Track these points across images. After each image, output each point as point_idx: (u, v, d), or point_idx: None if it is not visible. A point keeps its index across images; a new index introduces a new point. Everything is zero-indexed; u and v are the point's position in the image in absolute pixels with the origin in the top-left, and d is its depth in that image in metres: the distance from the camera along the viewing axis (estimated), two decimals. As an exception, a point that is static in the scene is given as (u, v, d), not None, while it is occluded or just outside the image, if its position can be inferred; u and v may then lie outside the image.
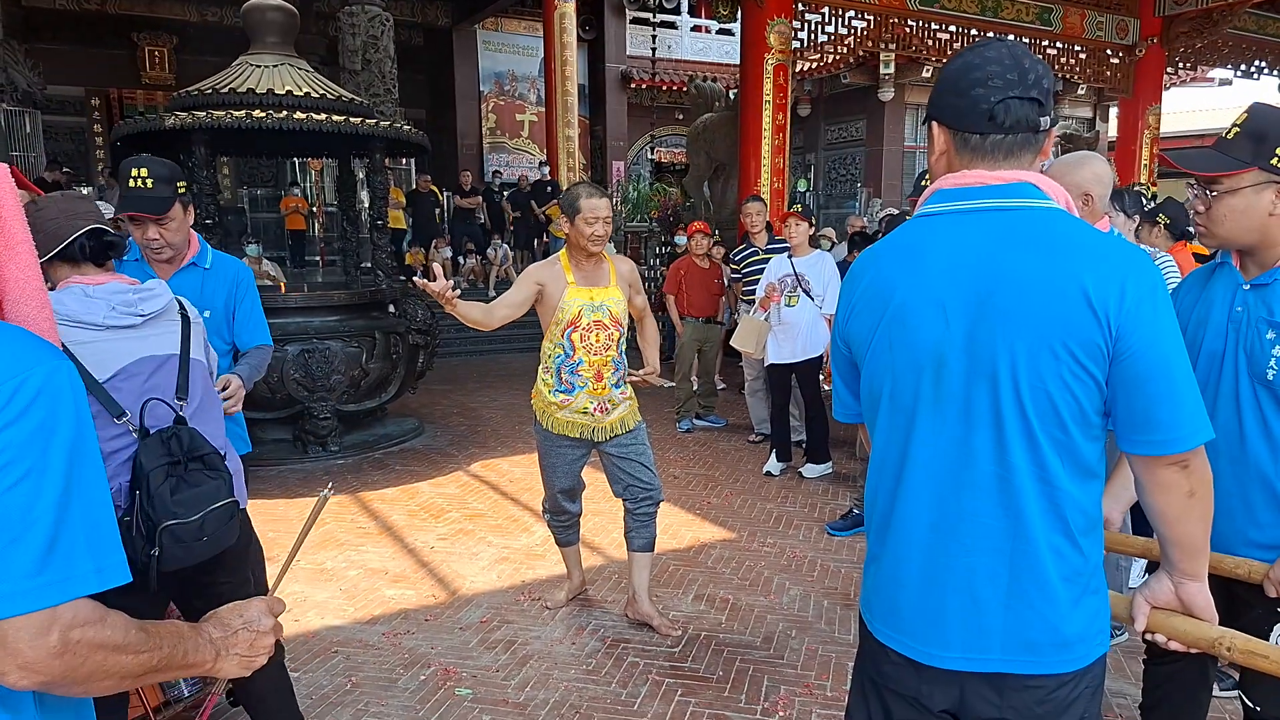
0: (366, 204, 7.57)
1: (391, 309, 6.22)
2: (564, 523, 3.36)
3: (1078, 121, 17.41)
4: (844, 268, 5.14)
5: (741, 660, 3.03)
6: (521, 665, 3.00)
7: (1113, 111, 15.69)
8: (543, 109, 13.23)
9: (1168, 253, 3.46)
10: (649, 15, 13.56)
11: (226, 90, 5.47)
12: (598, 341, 3.01)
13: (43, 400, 0.82)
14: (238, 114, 5.18)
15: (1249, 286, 1.67)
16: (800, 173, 17.09)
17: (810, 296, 5.07)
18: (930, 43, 9.75)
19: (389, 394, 6.16)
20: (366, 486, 5.12)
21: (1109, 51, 10.93)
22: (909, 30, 9.52)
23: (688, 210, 10.34)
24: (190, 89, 5.69)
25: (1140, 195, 3.90)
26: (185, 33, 13.34)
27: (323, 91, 5.72)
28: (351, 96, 6.11)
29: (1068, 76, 10.85)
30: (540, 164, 13.29)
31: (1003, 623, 1.19)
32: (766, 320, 5.25)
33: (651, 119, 16.49)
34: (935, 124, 1.26)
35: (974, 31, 9.76)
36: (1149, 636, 1.32)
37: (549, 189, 11.59)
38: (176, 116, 5.25)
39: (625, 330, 3.10)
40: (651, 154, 17.81)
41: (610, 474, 3.23)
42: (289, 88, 5.54)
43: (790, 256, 5.22)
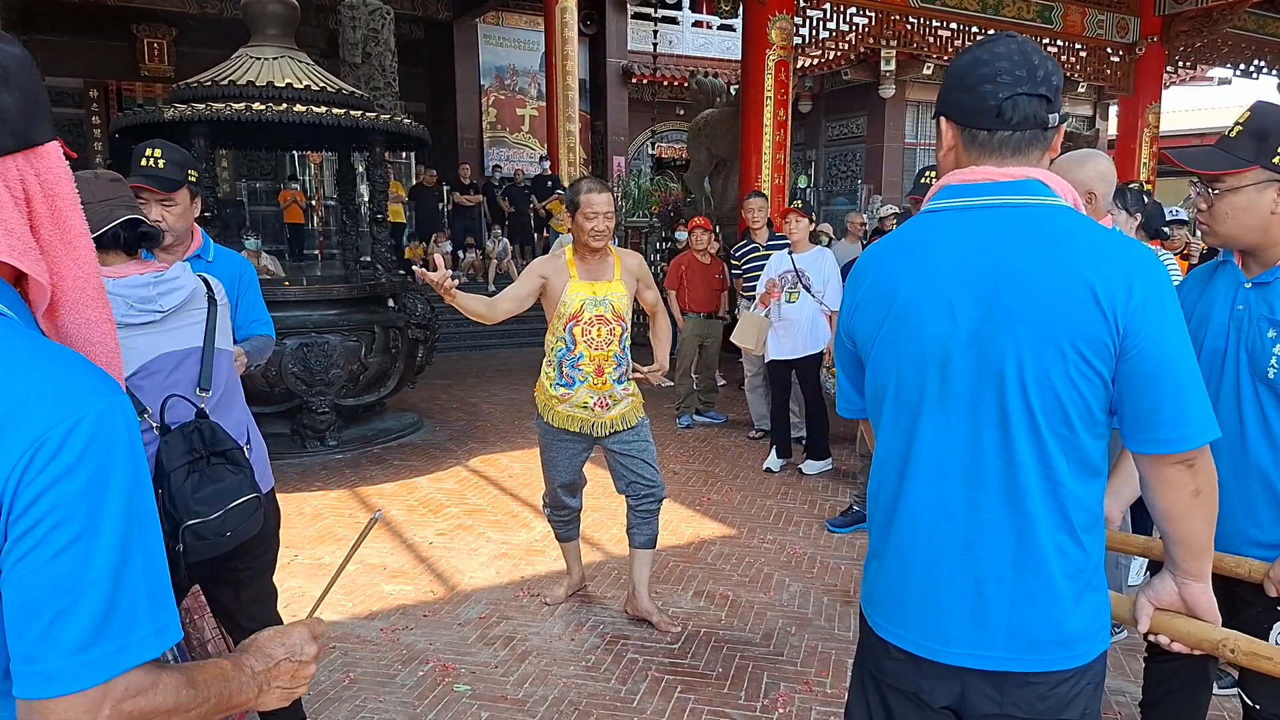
0: (366, 198, 7.55)
1: (391, 303, 6.21)
2: (564, 518, 3.36)
3: (1078, 119, 17.42)
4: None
5: (741, 657, 3.03)
6: (520, 661, 3.00)
7: (1113, 109, 15.69)
8: (543, 103, 13.22)
9: None
10: (650, 10, 13.56)
11: (226, 82, 5.45)
12: (599, 336, 3.01)
13: (96, 447, 0.72)
14: (237, 106, 5.17)
15: (1250, 285, 1.68)
16: (801, 169, 17.09)
17: (810, 292, 5.06)
18: (931, 40, 9.75)
19: (388, 388, 6.15)
20: (365, 481, 5.12)
21: (1109, 50, 10.93)
22: (910, 27, 9.53)
23: (689, 206, 10.33)
24: (190, 81, 5.68)
25: (1141, 194, 3.91)
26: (185, 24, 13.29)
27: (323, 85, 5.70)
28: (351, 90, 6.09)
29: (1068, 74, 10.84)
30: (541, 158, 13.28)
31: (1007, 620, 1.18)
32: (767, 316, 5.25)
33: (652, 114, 16.49)
34: (944, 119, 1.25)
35: (975, 29, 9.77)
36: (1152, 637, 1.32)
37: (549, 183, 11.58)
38: (176, 109, 5.24)
39: (629, 326, 3.09)
40: (652, 149, 17.80)
41: (613, 470, 3.23)
42: (289, 80, 5.53)
43: (790, 253, 5.22)
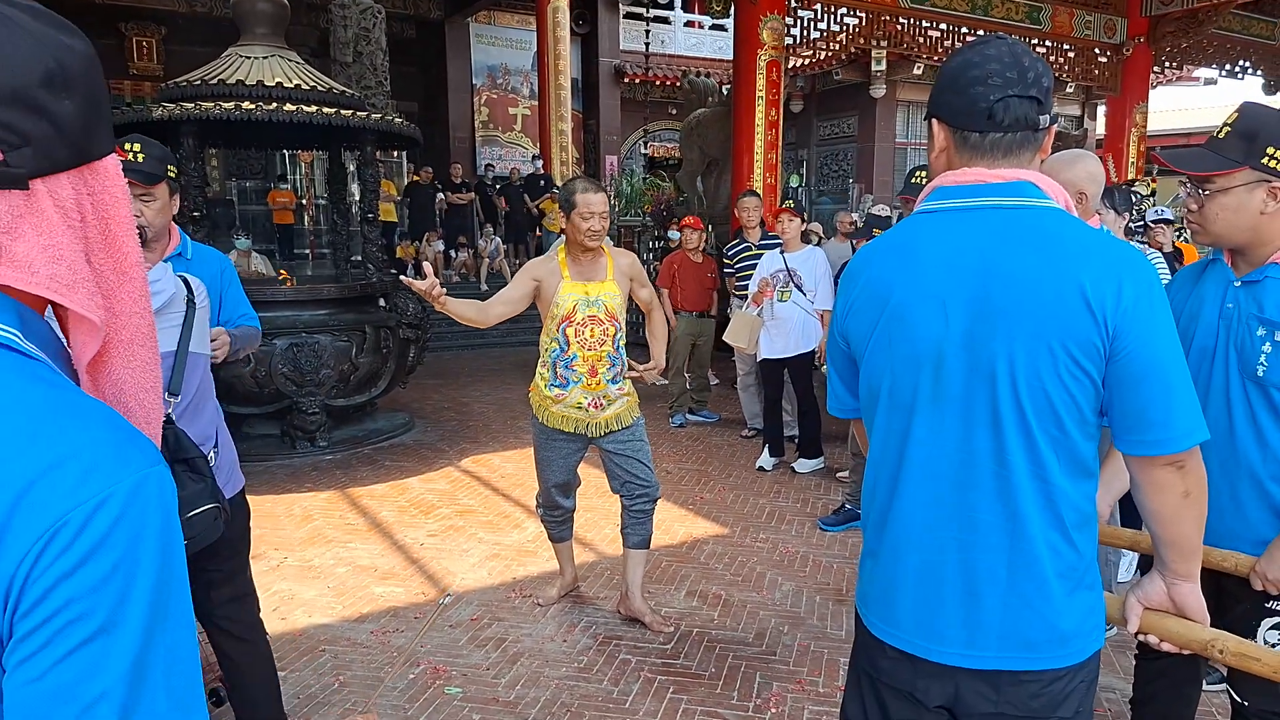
0: (357, 197, 7.52)
1: (382, 303, 6.19)
2: (557, 518, 3.36)
3: (1066, 119, 17.51)
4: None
5: (734, 657, 3.03)
6: (512, 663, 2.99)
7: (1101, 109, 15.79)
8: (536, 102, 13.20)
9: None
10: (642, 10, 13.54)
11: (215, 81, 5.41)
12: (592, 336, 3.00)
13: (123, 531, 0.60)
14: (226, 106, 5.13)
15: (1240, 283, 1.69)
16: (793, 168, 17.12)
17: (802, 292, 5.07)
18: (921, 40, 9.79)
19: (379, 389, 6.13)
20: (356, 482, 5.10)
21: (1097, 50, 10.99)
22: (900, 28, 9.57)
23: (681, 205, 10.33)
24: (179, 80, 5.63)
25: (1129, 194, 3.93)
26: (174, 23, 13.21)
27: (313, 84, 5.67)
28: (342, 89, 6.06)
29: (1057, 75, 10.90)
30: (533, 157, 13.26)
31: (1000, 619, 1.19)
32: (759, 315, 5.26)
33: (645, 113, 16.47)
34: (935, 121, 1.26)
35: (964, 30, 9.81)
36: (1141, 637, 1.33)
37: (542, 182, 11.56)
38: (164, 108, 5.20)
39: (623, 326, 3.09)
40: (645, 148, 17.80)
41: (608, 470, 3.22)
42: (279, 79, 5.49)
43: (782, 252, 5.23)
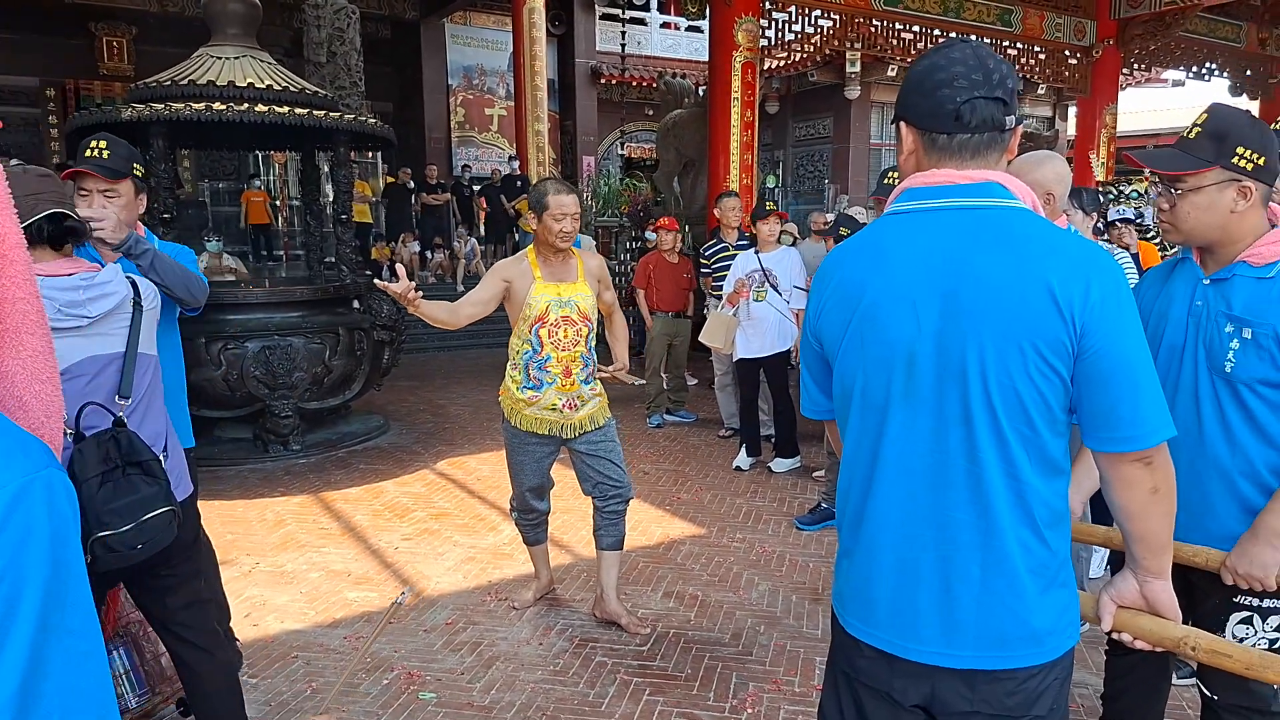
0: (331, 198, 7.44)
1: (356, 304, 6.12)
2: (532, 521, 3.33)
3: (1038, 120, 17.76)
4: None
5: (710, 657, 3.03)
6: (487, 667, 2.96)
7: (1072, 111, 16.01)
8: (512, 103, 13.13)
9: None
10: (618, 11, 13.55)
11: (186, 82, 5.34)
12: (565, 337, 2.99)
13: (5, 537, 0.55)
14: (197, 107, 5.06)
15: (1209, 281, 1.71)
16: (769, 169, 17.20)
17: (778, 291, 5.09)
18: (895, 42, 9.88)
19: (353, 391, 6.06)
20: (329, 486, 5.04)
21: (1067, 52, 11.14)
22: (874, 30, 9.64)
23: (658, 206, 10.34)
24: (149, 80, 5.56)
25: (1097, 194, 3.98)
26: (144, 23, 13.00)
27: (285, 84, 5.60)
28: (315, 89, 6.00)
29: (1028, 76, 11.05)
30: (510, 158, 13.20)
31: (975, 617, 1.19)
32: (735, 315, 5.27)
33: (621, 114, 16.48)
34: (904, 124, 1.26)
35: (937, 32, 9.91)
36: (1115, 635, 1.34)
37: (519, 183, 11.51)
38: (134, 109, 5.12)
39: (594, 326, 3.08)
40: (621, 149, 17.79)
41: (580, 471, 3.21)
42: (250, 80, 5.43)
43: (757, 252, 5.24)
